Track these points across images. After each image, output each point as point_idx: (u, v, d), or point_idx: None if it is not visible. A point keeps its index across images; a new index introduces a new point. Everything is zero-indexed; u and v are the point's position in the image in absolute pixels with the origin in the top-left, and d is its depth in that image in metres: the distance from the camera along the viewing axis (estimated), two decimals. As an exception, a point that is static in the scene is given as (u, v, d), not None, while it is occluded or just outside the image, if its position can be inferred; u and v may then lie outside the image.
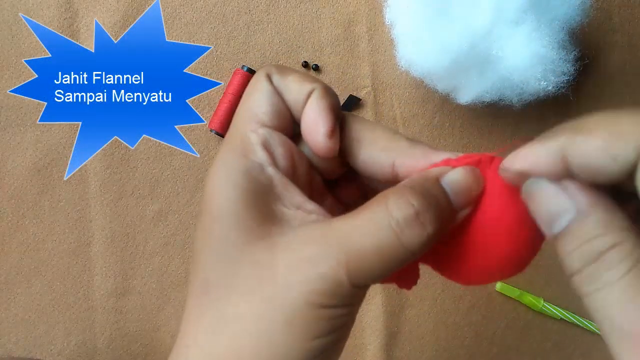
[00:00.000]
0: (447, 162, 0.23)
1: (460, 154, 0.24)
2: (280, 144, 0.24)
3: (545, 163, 0.20)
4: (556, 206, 0.20)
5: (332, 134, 0.23)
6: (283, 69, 0.25)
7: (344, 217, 0.21)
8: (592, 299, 0.19)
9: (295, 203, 0.23)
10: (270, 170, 0.23)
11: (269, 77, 0.25)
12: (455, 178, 0.23)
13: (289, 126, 0.25)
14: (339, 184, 0.27)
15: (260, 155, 0.23)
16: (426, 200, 0.21)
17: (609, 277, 0.18)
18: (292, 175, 0.24)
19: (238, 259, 0.22)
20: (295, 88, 0.24)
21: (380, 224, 0.20)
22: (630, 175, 0.19)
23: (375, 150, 0.24)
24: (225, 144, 0.24)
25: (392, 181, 0.24)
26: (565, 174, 0.20)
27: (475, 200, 0.23)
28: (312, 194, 0.25)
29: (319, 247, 0.21)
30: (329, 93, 0.24)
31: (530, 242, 0.23)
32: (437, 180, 0.22)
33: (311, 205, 0.23)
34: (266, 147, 0.23)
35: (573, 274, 0.20)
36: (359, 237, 0.20)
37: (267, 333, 0.20)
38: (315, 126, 0.23)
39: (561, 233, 0.20)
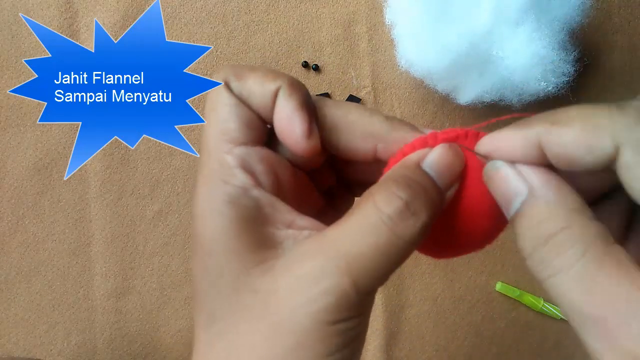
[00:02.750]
0: (423, 143, 0.23)
1: (436, 131, 0.23)
2: (259, 161, 0.22)
3: (520, 149, 0.20)
4: (511, 188, 0.20)
5: (310, 132, 0.22)
6: (239, 70, 0.23)
7: (335, 225, 0.21)
8: (547, 285, 0.19)
9: (286, 221, 0.22)
10: (255, 192, 0.22)
11: (228, 85, 0.23)
12: (435, 159, 0.22)
13: (263, 133, 0.23)
14: (322, 170, 0.26)
15: (241, 178, 0.22)
16: (412, 189, 0.21)
17: (561, 263, 0.18)
18: (277, 187, 0.23)
19: (238, 289, 0.21)
20: (258, 91, 0.22)
21: (373, 223, 0.20)
22: (608, 167, 0.19)
23: (354, 138, 0.23)
24: (201, 171, 0.23)
25: (374, 163, 0.24)
26: (540, 162, 0.20)
27: (460, 176, 0.23)
28: (299, 192, 0.24)
29: (316, 262, 0.20)
30: (296, 87, 0.23)
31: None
32: (418, 166, 0.22)
33: (302, 221, 0.22)
34: (245, 167, 0.22)
35: (526, 258, 0.19)
36: (355, 241, 0.20)
37: (280, 358, 0.20)
38: (291, 128, 0.22)
39: (516, 215, 0.20)
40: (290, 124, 0.22)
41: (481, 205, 0.23)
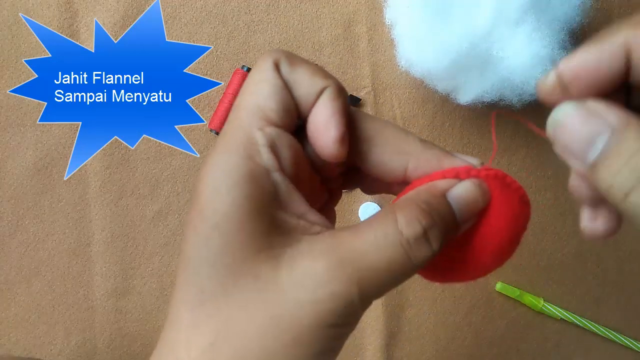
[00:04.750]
0: (455, 173, 0.23)
1: (472, 162, 0.23)
2: (287, 146, 0.22)
3: (607, 58, 0.19)
4: (589, 131, 0.19)
5: (343, 140, 0.22)
6: (292, 58, 0.23)
7: (351, 232, 0.21)
8: None
9: (298, 212, 0.22)
10: (277, 175, 0.21)
11: (277, 66, 0.22)
12: (461, 193, 0.22)
13: (294, 124, 0.23)
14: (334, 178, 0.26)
15: (267, 158, 0.21)
16: (432, 218, 0.21)
17: None
18: (296, 179, 0.22)
19: (239, 271, 0.20)
20: (306, 83, 0.22)
21: (391, 241, 0.20)
22: None
23: (387, 153, 0.23)
24: (224, 140, 0.22)
25: (399, 182, 0.24)
26: (624, 72, 0.19)
27: (479, 214, 0.23)
28: (311, 192, 0.24)
29: (328, 264, 0.20)
30: (342, 93, 0.23)
31: (518, 239, 0.24)
32: (443, 195, 0.22)
33: (314, 216, 0.22)
34: (273, 149, 0.21)
35: (628, 194, 0.18)
36: (370, 254, 0.20)
37: (272, 351, 0.20)
38: (326, 130, 0.22)
39: (600, 158, 0.19)
40: (326, 126, 0.22)
41: (490, 243, 0.23)
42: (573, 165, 0.20)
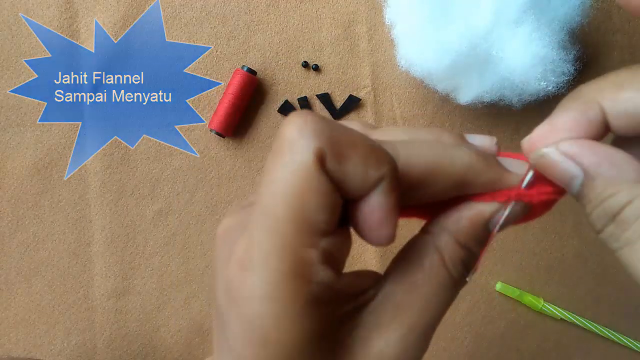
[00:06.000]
0: (507, 197, 0.22)
1: (521, 172, 0.22)
2: (340, 248, 0.20)
3: (586, 133, 0.21)
4: (565, 172, 0.21)
5: (394, 235, 0.20)
6: (338, 145, 0.18)
7: (405, 289, 0.22)
8: (619, 255, 0.20)
9: (356, 292, 0.22)
10: (338, 285, 0.20)
11: (322, 160, 0.18)
12: (504, 220, 0.22)
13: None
14: None
15: (325, 276, 0.19)
16: (473, 253, 0.22)
17: (629, 236, 0.19)
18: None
19: None
20: (359, 177, 0.19)
21: (445, 285, 0.22)
22: None
23: (438, 191, 0.21)
24: (266, 259, 0.19)
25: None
26: (604, 131, 0.21)
27: None
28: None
29: (399, 336, 0.21)
30: (398, 181, 0.20)
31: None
32: (485, 227, 0.22)
33: (362, 280, 0.22)
34: (330, 262, 0.19)
35: (598, 233, 0.20)
36: (432, 309, 0.22)
37: None
38: (379, 229, 0.20)
39: (578, 195, 0.21)
40: (379, 225, 0.20)
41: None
42: None
